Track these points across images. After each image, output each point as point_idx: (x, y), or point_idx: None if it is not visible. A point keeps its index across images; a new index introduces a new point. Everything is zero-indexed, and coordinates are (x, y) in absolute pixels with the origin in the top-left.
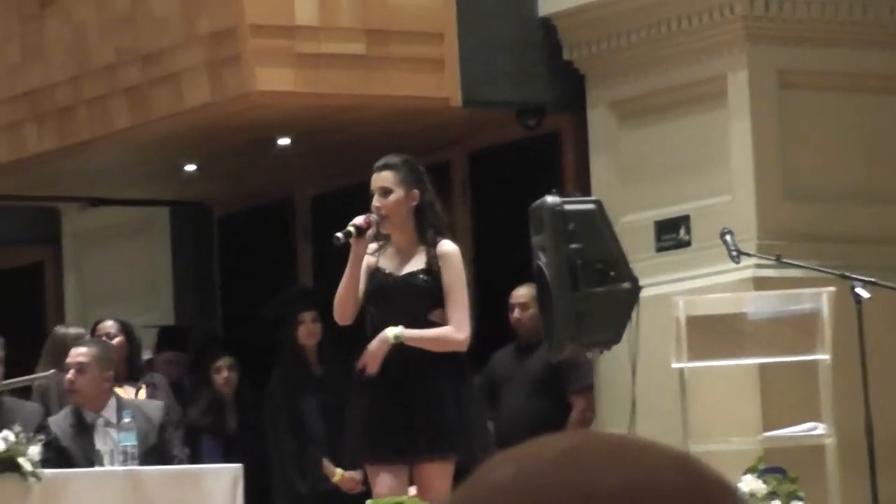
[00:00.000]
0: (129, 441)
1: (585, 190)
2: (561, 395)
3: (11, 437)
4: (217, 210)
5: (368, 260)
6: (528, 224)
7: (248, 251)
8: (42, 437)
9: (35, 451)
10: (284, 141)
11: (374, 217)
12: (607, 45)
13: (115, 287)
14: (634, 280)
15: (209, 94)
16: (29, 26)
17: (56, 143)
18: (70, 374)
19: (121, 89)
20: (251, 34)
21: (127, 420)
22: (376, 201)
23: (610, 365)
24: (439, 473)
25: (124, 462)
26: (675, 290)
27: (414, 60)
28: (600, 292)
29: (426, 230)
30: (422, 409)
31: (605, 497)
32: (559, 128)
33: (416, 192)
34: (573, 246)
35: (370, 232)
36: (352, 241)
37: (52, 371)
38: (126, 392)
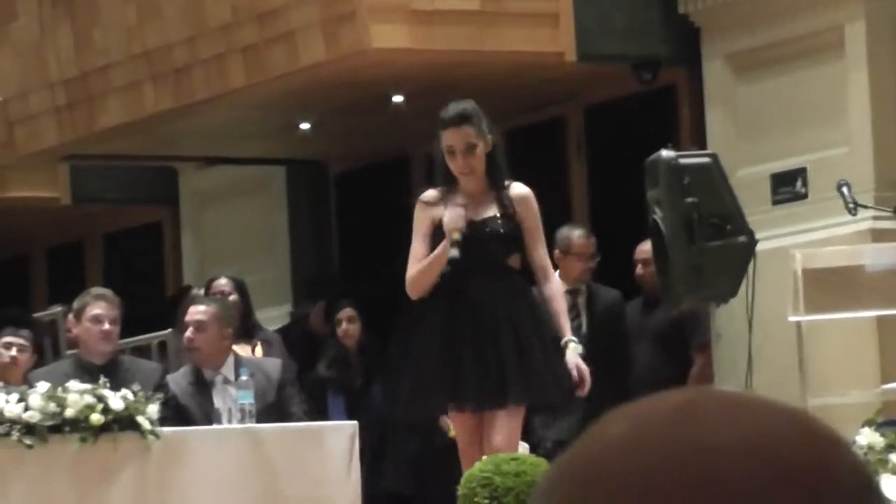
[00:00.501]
0: (247, 399)
1: (701, 143)
2: (684, 350)
3: (130, 395)
4: (333, 168)
5: (433, 213)
6: (644, 178)
7: (365, 208)
8: (161, 395)
9: (154, 409)
10: (399, 98)
11: (463, 211)
12: None
13: (232, 245)
14: (751, 233)
15: (324, 52)
16: None
17: (173, 103)
18: (189, 332)
19: (237, 48)
20: None
21: (244, 378)
22: (461, 160)
23: (727, 318)
24: (511, 419)
25: (242, 420)
26: (791, 243)
27: (529, 15)
28: (716, 246)
29: (497, 174)
30: (516, 357)
31: (720, 450)
32: (675, 81)
33: (489, 137)
34: (689, 200)
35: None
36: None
37: (169, 330)
38: (242, 349)
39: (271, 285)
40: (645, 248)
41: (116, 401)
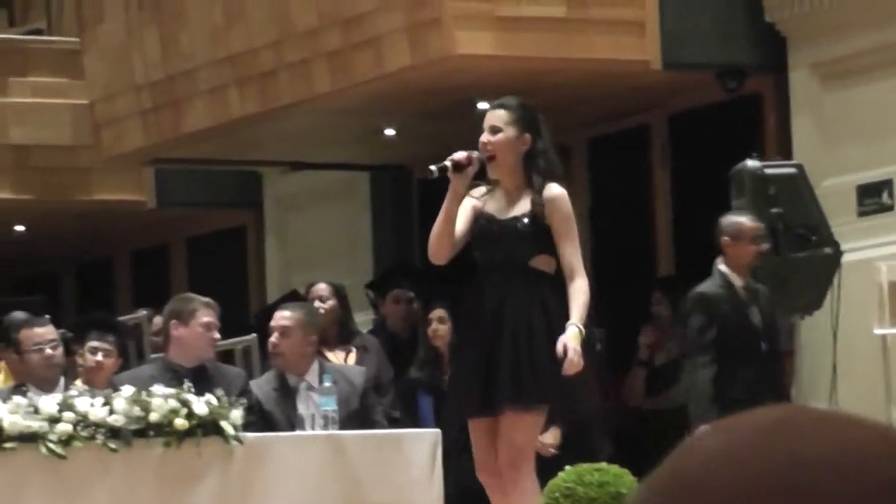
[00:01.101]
0: (330, 405)
1: (787, 153)
2: None
3: (214, 400)
4: (417, 173)
5: (476, 204)
6: (729, 188)
7: None
8: (244, 400)
9: (237, 414)
10: (483, 104)
11: (475, 154)
12: (809, 6)
13: (316, 250)
14: (836, 245)
15: (409, 58)
16: None
17: (258, 108)
18: (274, 338)
19: (322, 53)
20: None
21: (327, 384)
22: (483, 137)
23: (811, 329)
24: (529, 421)
25: (325, 426)
26: (877, 254)
27: (614, 23)
28: (801, 257)
29: (534, 176)
30: (510, 361)
31: (815, 464)
32: (760, 90)
33: (527, 136)
34: (774, 210)
35: (471, 169)
36: (450, 175)
37: (251, 335)
38: (336, 356)
39: (354, 290)
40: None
41: (200, 406)
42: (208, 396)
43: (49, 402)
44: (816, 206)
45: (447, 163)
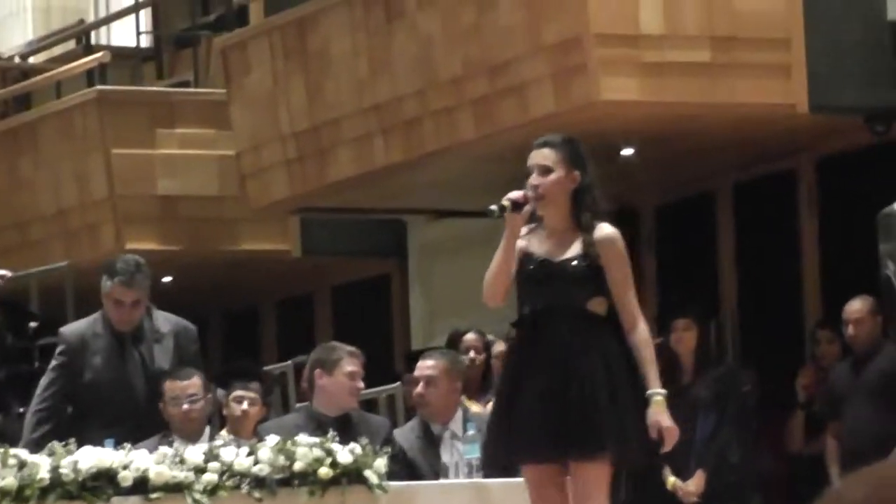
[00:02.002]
0: (474, 453)
1: None
2: None
3: (358, 449)
4: None
5: (520, 245)
6: (876, 232)
7: None
8: (388, 449)
9: (381, 463)
10: (628, 150)
11: (531, 192)
12: None
13: (460, 298)
14: None
15: (554, 104)
16: (376, 40)
17: (403, 156)
18: (419, 388)
19: (467, 101)
20: (596, 43)
21: (471, 432)
22: (534, 179)
23: None
24: (595, 474)
25: (469, 474)
26: None
27: (760, 67)
28: None
29: (582, 214)
30: (576, 405)
31: None
32: None
33: (576, 173)
34: None
35: (527, 208)
36: (507, 216)
37: (397, 384)
38: (475, 406)
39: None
40: (854, 307)
41: (345, 454)
42: (352, 445)
43: (195, 452)
44: None
45: (505, 202)
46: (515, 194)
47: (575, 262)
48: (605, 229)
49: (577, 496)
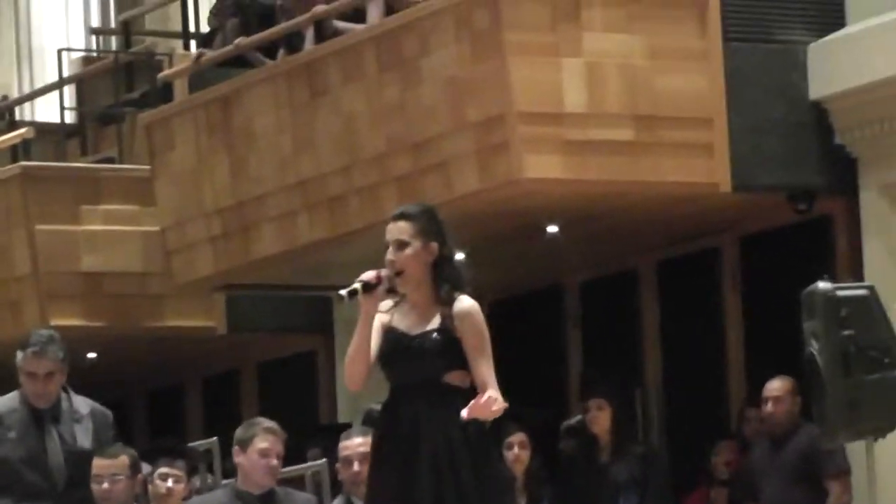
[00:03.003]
0: None
1: (858, 275)
2: (817, 481)
3: None
4: (487, 297)
5: (382, 318)
6: (800, 310)
7: (518, 338)
8: None
9: None
10: (553, 228)
11: (384, 271)
12: (880, 128)
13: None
14: None
15: (478, 182)
16: (300, 117)
17: (327, 232)
18: (356, 466)
19: (391, 178)
20: (520, 121)
21: None
22: (390, 254)
23: (886, 452)
24: None
25: None
26: None
27: (683, 146)
28: (874, 379)
29: (442, 286)
30: (431, 484)
31: None
32: (831, 212)
33: (433, 245)
34: (846, 332)
35: (381, 287)
36: (360, 298)
37: (323, 460)
38: None
39: None
40: (773, 385)
41: None
42: None
43: None
44: (889, 327)
45: (356, 285)
46: (367, 275)
47: (433, 335)
48: (463, 301)
49: None
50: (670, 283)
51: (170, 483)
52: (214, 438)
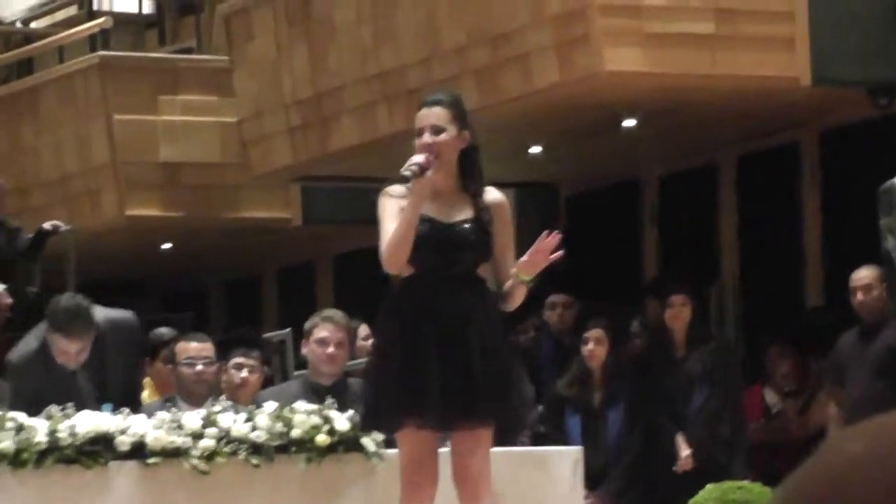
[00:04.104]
0: None
1: None
2: None
3: (356, 417)
4: (563, 191)
5: (400, 203)
6: (878, 206)
7: (595, 232)
8: None
9: None
10: (631, 121)
11: (432, 156)
12: None
13: None
14: None
15: (557, 75)
16: (381, 8)
17: (406, 125)
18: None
19: (470, 70)
20: (600, 14)
21: None
22: (427, 138)
23: None
24: (485, 440)
25: None
26: None
27: (764, 39)
28: None
29: (470, 176)
30: (483, 374)
31: None
32: None
33: (466, 133)
34: None
35: (429, 172)
36: (413, 181)
37: None
38: None
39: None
40: (861, 274)
41: (342, 422)
42: (350, 413)
43: (193, 418)
44: None
45: (414, 167)
46: (418, 158)
47: (468, 226)
48: (494, 193)
49: (464, 453)
50: (749, 178)
51: (244, 373)
52: (288, 330)
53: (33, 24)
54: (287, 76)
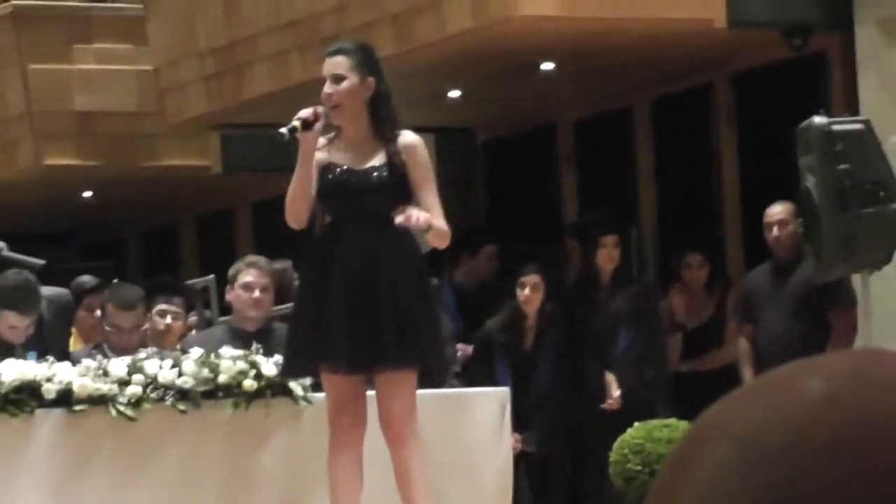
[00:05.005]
0: None
1: (853, 110)
2: (821, 314)
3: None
4: (481, 135)
5: (318, 155)
6: (794, 145)
7: (513, 176)
8: None
9: None
10: (548, 65)
11: (321, 109)
12: None
13: None
14: None
15: (472, 20)
16: None
17: (320, 72)
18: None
19: (385, 17)
20: None
21: None
22: (327, 88)
23: (881, 285)
24: (405, 384)
25: None
26: None
27: None
28: (870, 213)
29: (382, 122)
30: (392, 317)
31: None
32: (826, 47)
33: (371, 80)
34: (841, 167)
35: (318, 125)
36: (299, 136)
37: None
38: None
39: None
40: (775, 209)
41: (269, 367)
42: (277, 358)
43: (118, 365)
44: (884, 161)
45: (295, 122)
46: (304, 113)
47: (378, 172)
48: (408, 136)
49: (385, 398)
50: (665, 120)
51: (168, 319)
52: (211, 276)
53: None
54: (201, 24)
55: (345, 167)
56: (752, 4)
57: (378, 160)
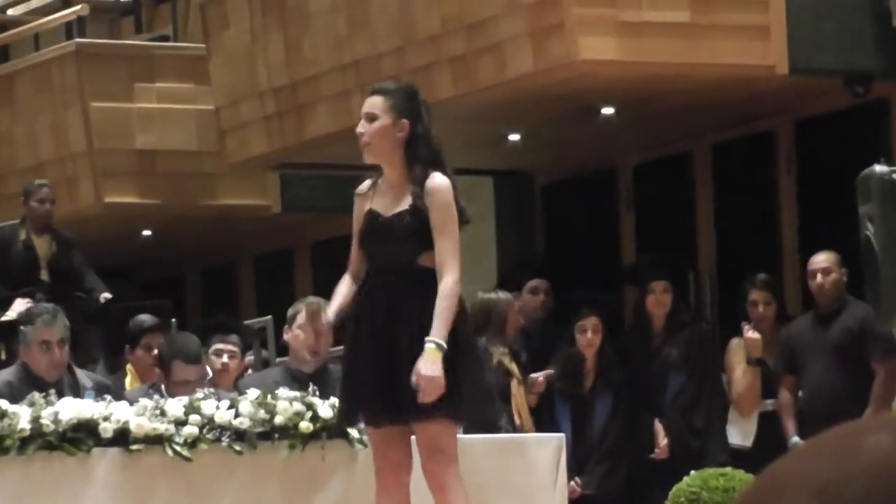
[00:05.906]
0: None
1: None
2: (863, 363)
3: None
4: (540, 179)
5: (364, 203)
6: (855, 193)
7: (571, 220)
8: None
9: None
10: (608, 110)
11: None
12: None
13: None
14: None
15: (532, 64)
16: None
17: None
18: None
19: (445, 59)
20: (575, 2)
21: None
22: (360, 126)
23: None
24: (430, 435)
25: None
26: None
27: (740, 28)
28: None
29: (414, 165)
30: (404, 369)
31: None
32: (888, 94)
33: (405, 122)
34: None
35: None
36: None
37: None
38: None
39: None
40: (819, 258)
41: (325, 409)
42: (333, 400)
43: (175, 405)
44: None
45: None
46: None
47: (402, 218)
48: (435, 179)
49: (425, 451)
50: (725, 167)
51: (224, 358)
52: (269, 317)
53: (9, 12)
54: (262, 64)
55: (374, 212)
56: (814, 51)
57: (405, 204)
